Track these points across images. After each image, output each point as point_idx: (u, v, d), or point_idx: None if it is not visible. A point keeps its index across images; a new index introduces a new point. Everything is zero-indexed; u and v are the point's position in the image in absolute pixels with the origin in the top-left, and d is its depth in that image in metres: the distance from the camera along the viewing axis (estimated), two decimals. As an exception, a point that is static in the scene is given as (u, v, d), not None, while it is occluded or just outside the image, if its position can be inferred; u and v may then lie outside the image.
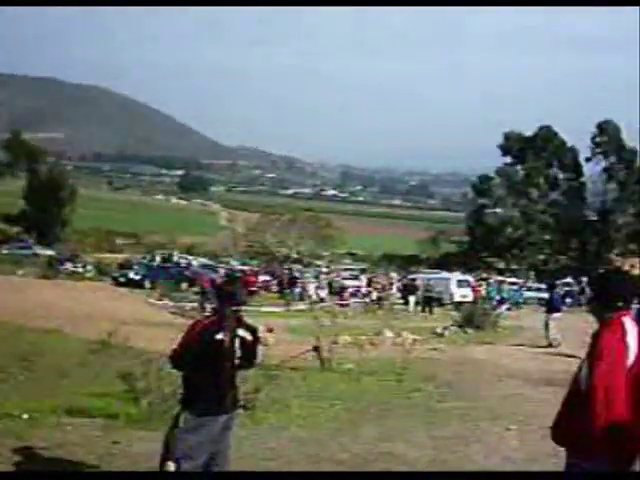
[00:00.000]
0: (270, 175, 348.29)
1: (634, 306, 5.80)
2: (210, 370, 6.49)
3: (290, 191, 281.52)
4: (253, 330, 6.81)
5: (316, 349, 17.81)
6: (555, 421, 4.97)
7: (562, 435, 4.87)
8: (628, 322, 4.78)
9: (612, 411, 4.53)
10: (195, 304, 36.63)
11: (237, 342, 6.56)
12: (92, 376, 15.11)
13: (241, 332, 6.63)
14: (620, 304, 4.86)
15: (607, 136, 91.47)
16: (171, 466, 6.56)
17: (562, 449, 5.05)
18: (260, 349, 7.16)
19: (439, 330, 28.73)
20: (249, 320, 6.89)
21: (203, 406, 6.51)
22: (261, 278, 56.46)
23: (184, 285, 48.98)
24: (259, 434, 10.88)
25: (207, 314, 7.00)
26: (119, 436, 10.23)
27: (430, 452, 10.21)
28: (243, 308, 6.87)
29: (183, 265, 59.75)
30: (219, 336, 6.49)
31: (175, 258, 66.33)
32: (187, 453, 6.48)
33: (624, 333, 4.71)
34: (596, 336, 4.85)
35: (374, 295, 48.80)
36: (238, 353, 6.58)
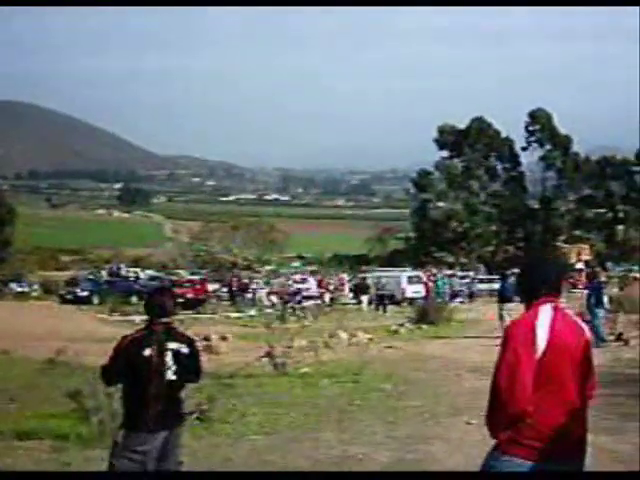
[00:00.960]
0: (210, 182, 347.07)
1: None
2: (141, 386, 6.14)
3: (231, 197, 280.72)
4: (189, 342, 6.42)
5: (269, 355, 17.51)
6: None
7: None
8: (545, 309, 4.49)
9: (514, 402, 4.27)
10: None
11: (169, 356, 6.20)
12: (41, 397, 14.62)
13: (173, 345, 6.24)
14: (543, 291, 4.60)
15: (540, 124, 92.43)
16: None
17: None
18: (212, 359, 6.85)
19: (394, 328, 28.66)
20: (199, 329, 6.58)
21: (136, 422, 6.17)
22: (211, 287, 55.99)
23: (134, 298, 48.36)
24: (216, 445, 10.61)
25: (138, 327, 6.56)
26: (70, 457, 9.85)
27: (392, 453, 9.99)
28: (196, 316, 6.55)
29: (131, 278, 59.10)
30: (146, 351, 6.15)
31: (123, 272, 65.61)
32: (122, 470, 6.14)
33: (534, 321, 4.43)
34: None
35: (326, 297, 48.64)
36: (172, 367, 6.22)
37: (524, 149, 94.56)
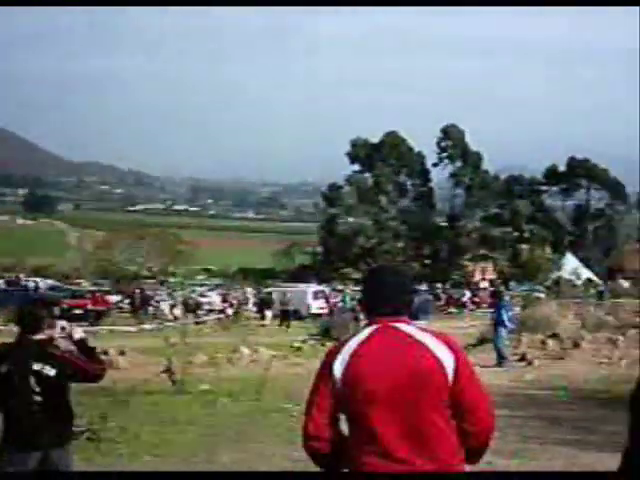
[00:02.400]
0: (118, 191, 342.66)
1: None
2: (5, 403, 5.73)
3: (140, 207, 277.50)
4: (59, 363, 5.90)
5: (168, 371, 16.99)
6: None
7: None
8: (363, 332, 3.85)
9: (303, 433, 3.82)
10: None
11: (32, 377, 5.75)
12: None
13: (37, 365, 5.76)
14: (378, 310, 3.89)
15: (452, 140, 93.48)
16: None
17: None
18: (109, 374, 6.39)
19: (297, 344, 28.33)
20: (97, 343, 6.10)
21: (8, 440, 5.78)
22: (112, 298, 54.88)
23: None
24: (107, 467, 10.05)
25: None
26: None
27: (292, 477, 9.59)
28: (95, 329, 6.08)
29: (31, 288, 57.59)
30: (3, 368, 5.69)
31: (22, 281, 63.96)
32: None
33: (343, 345, 3.84)
34: None
35: (230, 311, 48.13)
36: (36, 389, 5.76)
37: (435, 165, 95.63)
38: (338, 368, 3.73)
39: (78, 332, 6.08)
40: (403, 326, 3.82)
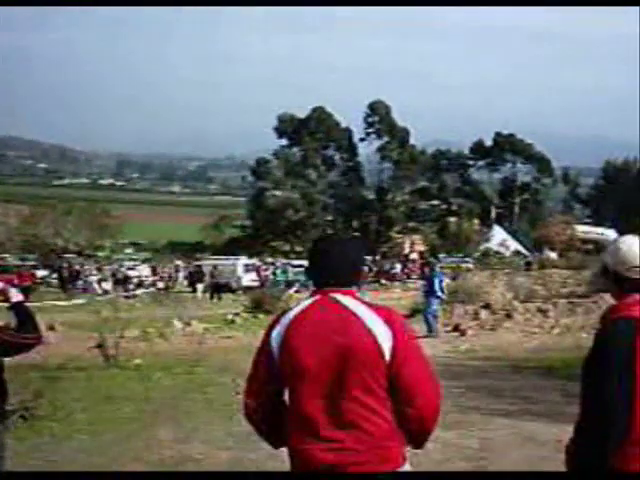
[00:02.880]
0: (42, 165, 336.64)
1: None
2: None
3: (65, 181, 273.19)
4: None
5: (100, 346, 16.67)
6: None
7: None
8: (304, 303, 3.67)
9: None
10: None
11: None
12: None
13: None
14: (324, 280, 3.67)
15: (378, 116, 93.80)
16: None
17: None
18: (39, 350, 6.11)
19: (230, 317, 28.16)
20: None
21: None
22: (40, 273, 54.01)
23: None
24: (40, 446, 9.82)
25: None
26: None
27: (232, 452, 9.42)
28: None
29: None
30: None
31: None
32: None
33: (282, 316, 3.67)
34: None
35: (160, 284, 47.73)
36: None
37: (362, 140, 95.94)
38: (275, 340, 3.57)
39: (15, 295, 5.73)
40: (344, 298, 3.60)
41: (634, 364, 3.37)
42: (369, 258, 55.15)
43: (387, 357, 3.47)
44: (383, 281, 54.92)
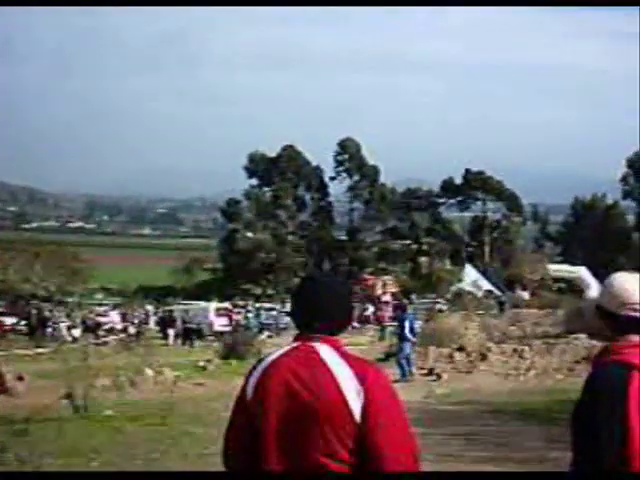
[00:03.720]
0: (11, 208, 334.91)
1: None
2: None
3: (34, 224, 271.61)
4: None
5: (69, 396, 16.28)
6: None
7: None
8: (279, 351, 3.42)
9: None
10: None
11: None
12: None
13: None
14: (304, 326, 3.45)
15: (348, 154, 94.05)
16: None
17: None
18: (6, 401, 5.82)
19: (202, 363, 27.79)
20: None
21: None
22: (8, 320, 53.19)
23: None
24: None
25: None
26: None
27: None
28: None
29: None
30: None
31: None
32: None
33: (256, 366, 3.44)
34: None
35: (131, 330, 47.17)
36: None
37: (333, 179, 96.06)
38: (250, 388, 3.35)
39: None
40: (324, 349, 3.32)
41: (626, 413, 3.16)
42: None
43: (357, 418, 3.18)
44: (355, 324, 54.56)
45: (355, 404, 3.18)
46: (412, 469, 3.23)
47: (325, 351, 3.32)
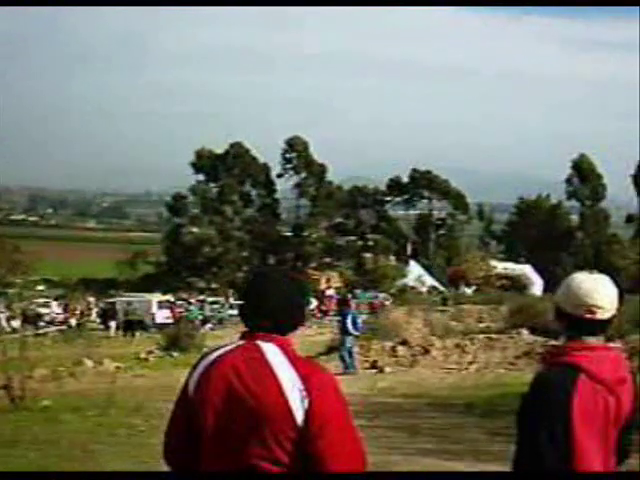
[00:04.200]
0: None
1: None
2: None
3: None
4: None
5: (6, 387, 15.98)
6: None
7: None
8: (225, 348, 3.28)
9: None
10: None
11: None
12: None
13: None
14: (252, 323, 3.31)
15: (296, 152, 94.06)
16: None
17: None
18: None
19: (143, 355, 27.59)
20: None
21: None
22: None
23: None
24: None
25: None
26: None
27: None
28: None
29: None
30: None
31: None
32: None
33: (204, 360, 3.29)
34: None
35: (72, 321, 46.68)
36: None
37: (280, 176, 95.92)
38: (192, 384, 3.23)
39: None
40: (270, 349, 3.19)
41: (570, 415, 3.13)
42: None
43: (299, 422, 3.06)
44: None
45: (297, 407, 3.07)
46: (356, 472, 3.14)
47: (271, 351, 3.19)
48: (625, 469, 3.50)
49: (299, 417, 3.05)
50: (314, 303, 58.91)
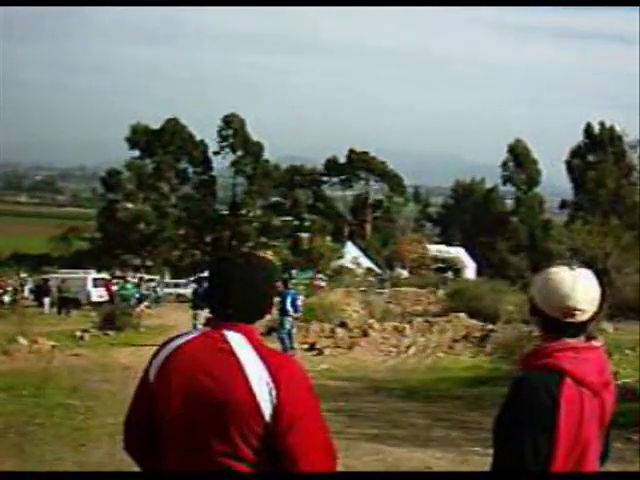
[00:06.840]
0: None
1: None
2: None
3: None
4: None
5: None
6: None
7: None
8: (186, 336, 3.11)
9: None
10: None
11: None
12: None
13: None
14: (216, 311, 3.13)
15: (233, 129, 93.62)
16: None
17: None
18: None
19: (78, 334, 27.15)
20: None
21: None
22: None
23: None
24: None
25: None
26: None
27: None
28: None
29: None
30: None
31: None
32: None
33: (165, 346, 3.11)
34: None
35: (5, 298, 45.82)
36: None
37: (216, 153, 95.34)
38: (153, 372, 3.05)
39: None
40: (237, 339, 2.99)
41: (555, 424, 2.92)
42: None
43: (267, 417, 2.87)
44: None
45: (265, 401, 2.88)
46: (328, 469, 2.97)
47: (236, 340, 3.00)
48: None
49: (267, 412, 2.87)
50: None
